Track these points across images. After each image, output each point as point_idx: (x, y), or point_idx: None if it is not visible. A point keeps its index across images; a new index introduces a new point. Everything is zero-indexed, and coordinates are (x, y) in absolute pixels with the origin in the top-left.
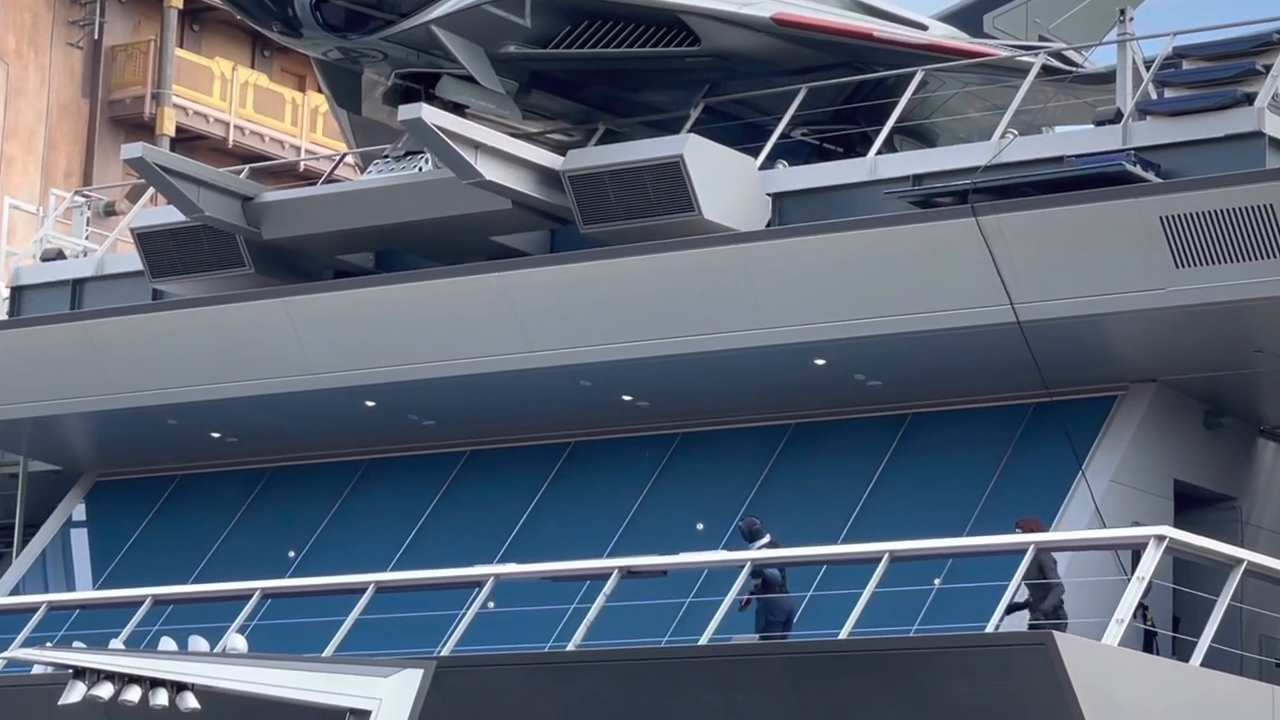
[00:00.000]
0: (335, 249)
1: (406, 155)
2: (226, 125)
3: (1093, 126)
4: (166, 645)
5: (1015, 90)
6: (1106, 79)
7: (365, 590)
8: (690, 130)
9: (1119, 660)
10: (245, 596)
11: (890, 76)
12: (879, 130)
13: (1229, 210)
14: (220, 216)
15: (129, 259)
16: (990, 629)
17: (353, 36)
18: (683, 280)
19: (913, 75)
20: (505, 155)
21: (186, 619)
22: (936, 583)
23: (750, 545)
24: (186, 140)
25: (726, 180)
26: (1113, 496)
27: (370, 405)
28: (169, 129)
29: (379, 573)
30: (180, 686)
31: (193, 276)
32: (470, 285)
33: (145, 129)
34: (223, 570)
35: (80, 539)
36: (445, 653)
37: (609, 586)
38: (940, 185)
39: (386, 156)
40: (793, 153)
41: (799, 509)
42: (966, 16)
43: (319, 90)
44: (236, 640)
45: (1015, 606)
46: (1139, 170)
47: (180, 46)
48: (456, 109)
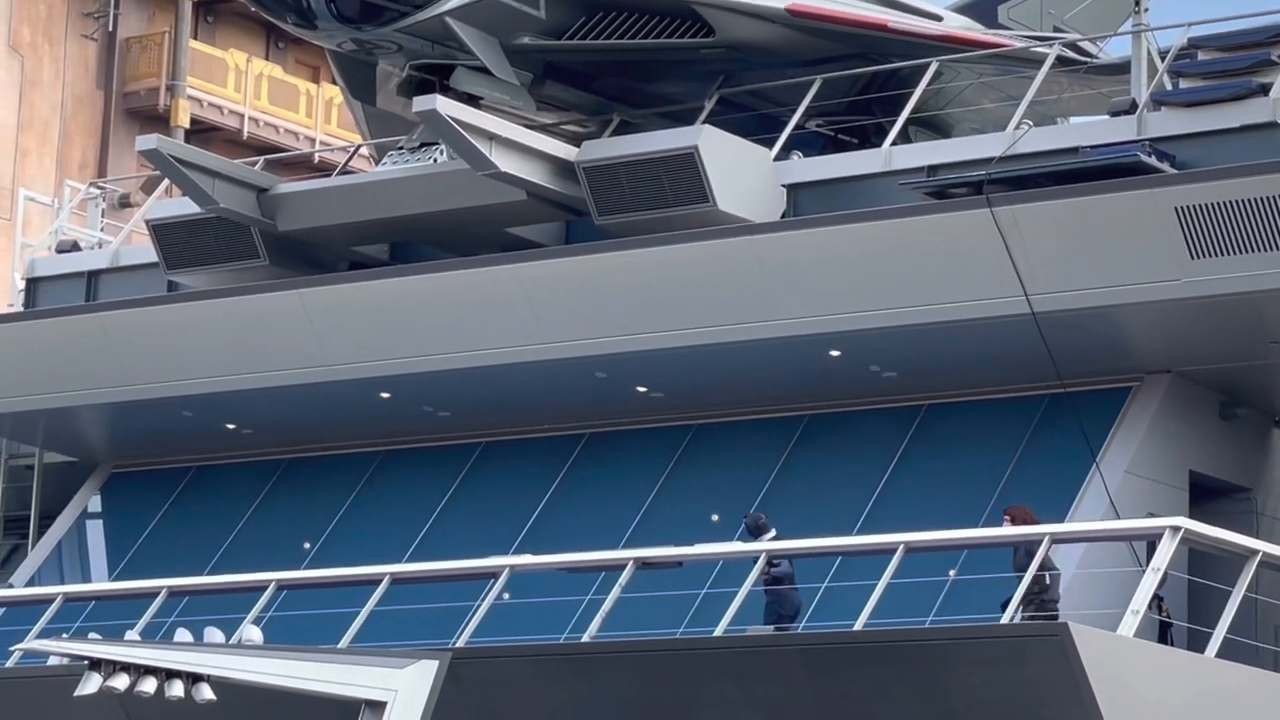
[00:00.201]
0: (350, 240)
1: (421, 147)
2: (241, 117)
3: (1108, 117)
4: (182, 636)
5: (1030, 81)
6: (1121, 70)
7: (381, 581)
8: (705, 121)
9: (1134, 651)
10: (261, 588)
11: (905, 67)
12: (894, 121)
13: (1244, 201)
14: (235, 208)
15: (144, 251)
16: (1005, 620)
17: (367, 28)
18: (697, 272)
19: (927, 66)
20: (520, 146)
21: (202, 610)
22: (951, 574)
23: (755, 540)
24: (201, 132)
25: (741, 171)
26: (1128, 488)
27: (385, 397)
28: (183, 121)
29: (394, 564)
30: (196, 678)
31: (208, 268)
32: (485, 276)
33: (160, 121)
34: (238, 562)
35: (96, 530)
36: (461, 644)
37: (624, 578)
38: (955, 176)
39: (401, 148)
40: (807, 144)
41: (814, 500)
42: (981, 8)
43: (333, 82)
44: (252, 632)
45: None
46: (1154, 161)
47: (195, 38)
48: (471, 100)
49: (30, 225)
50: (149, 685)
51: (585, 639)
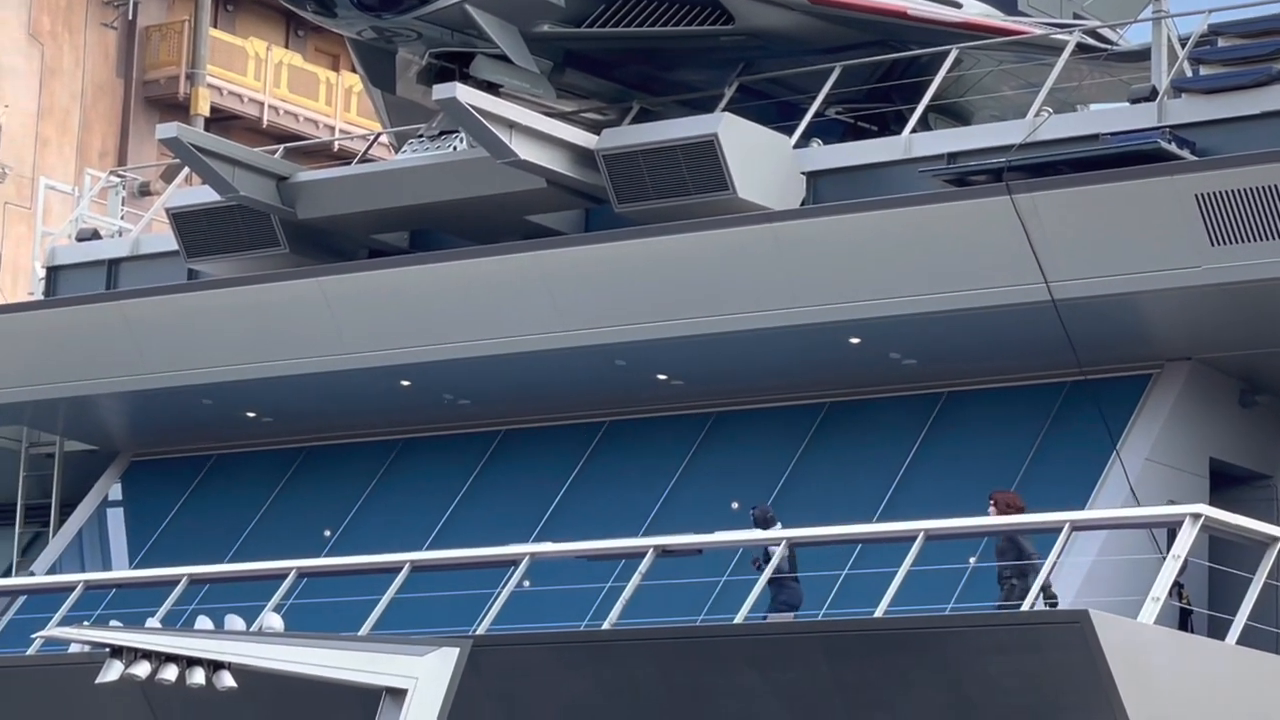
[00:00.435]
0: (370, 229)
1: (441, 135)
2: (261, 105)
3: (1128, 104)
4: (203, 624)
5: (1050, 68)
6: (1141, 56)
7: (401, 569)
8: (725, 109)
9: (1154, 638)
10: (281, 576)
11: (925, 55)
12: (913, 109)
13: (1264, 188)
14: (255, 196)
15: (164, 239)
16: (1025, 607)
17: (387, 16)
18: (717, 259)
19: (947, 53)
20: (540, 134)
21: (222, 598)
22: (971, 561)
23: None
24: (221, 120)
25: (761, 159)
26: (1148, 475)
27: (405, 385)
28: (203, 109)
29: (415, 552)
30: (217, 665)
31: (228, 256)
32: (505, 265)
33: (180, 109)
34: (258, 549)
35: (116, 518)
36: (481, 632)
37: (644, 565)
38: (975, 164)
39: (421, 136)
40: (827, 131)
41: (834, 487)
42: None
43: (353, 70)
44: (273, 619)
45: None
46: (1174, 148)
47: (214, 26)
48: (491, 88)
49: (50, 214)
50: (170, 673)
51: (605, 626)
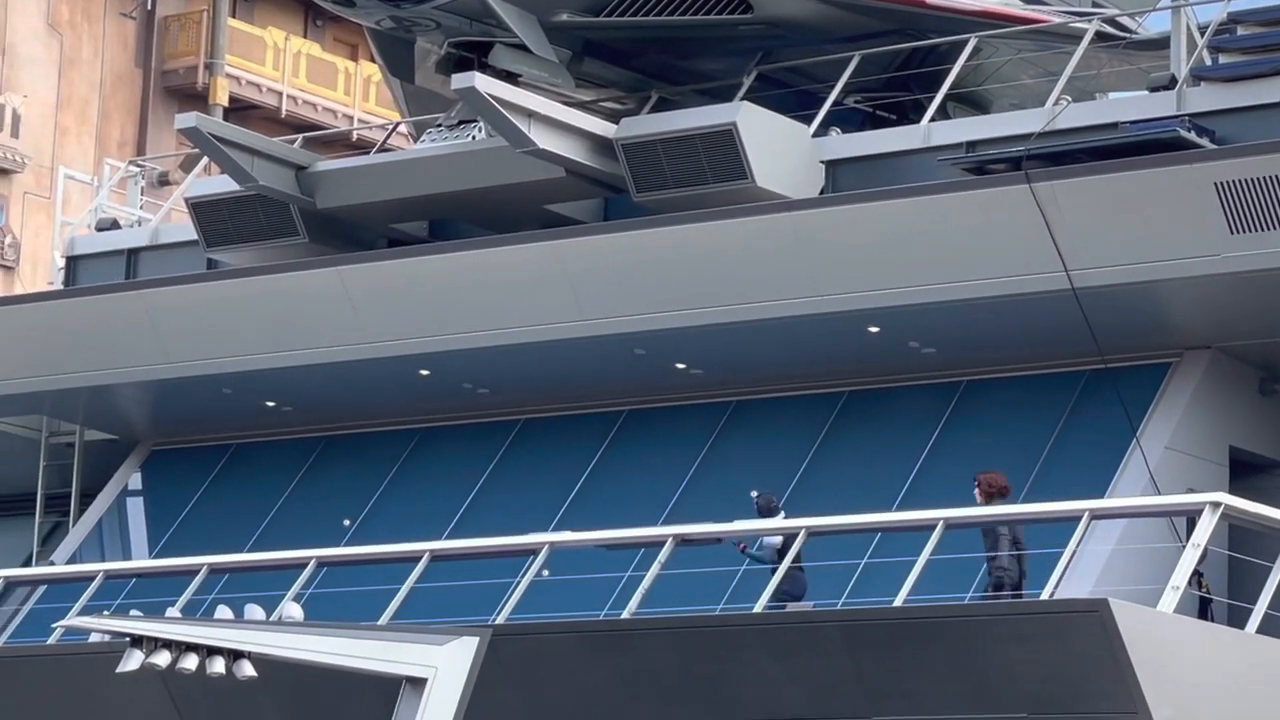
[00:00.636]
0: (389, 218)
1: (460, 124)
2: (279, 95)
3: (1147, 92)
4: (223, 614)
5: (1069, 56)
6: (1161, 45)
7: (420, 558)
8: (743, 98)
9: (1174, 627)
10: (301, 565)
11: (944, 43)
12: (932, 97)
13: None
14: (274, 186)
15: (183, 228)
16: (1045, 596)
17: (405, 6)
18: (736, 248)
19: (966, 42)
20: (558, 123)
21: (242, 588)
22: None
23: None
24: (239, 110)
25: (779, 148)
26: (1167, 463)
27: (424, 374)
28: (222, 99)
29: (434, 541)
30: (237, 654)
31: (247, 246)
32: (524, 254)
33: (198, 99)
34: (278, 539)
35: (136, 508)
36: (501, 621)
37: (664, 554)
38: (994, 152)
39: (440, 125)
40: (846, 120)
41: (853, 476)
42: None
43: (371, 59)
44: (292, 609)
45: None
46: (1193, 136)
47: (233, 16)
48: (509, 77)
49: (70, 203)
50: (190, 662)
51: (625, 615)
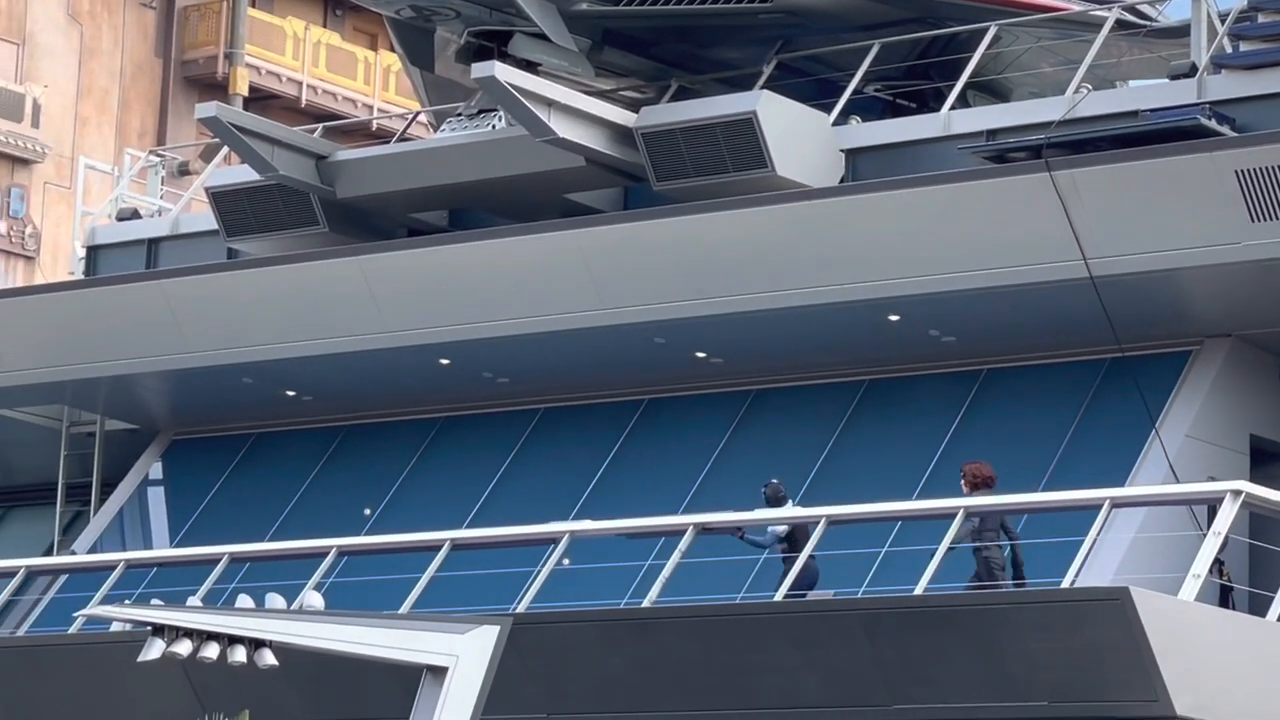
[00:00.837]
0: (409, 207)
1: (479, 113)
2: (299, 84)
3: (1167, 80)
4: (244, 602)
5: (1089, 45)
6: (1181, 33)
7: (441, 547)
8: (763, 87)
9: (1195, 615)
10: (321, 554)
11: (963, 32)
12: (952, 86)
13: None
14: (294, 175)
15: (204, 218)
16: (1065, 584)
17: None
18: (756, 237)
19: (986, 30)
20: (578, 112)
21: (263, 576)
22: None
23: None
24: (259, 100)
25: (800, 136)
26: (1188, 452)
27: (444, 363)
28: (242, 88)
29: (454, 530)
30: (258, 643)
31: (267, 235)
32: (544, 243)
33: (218, 88)
34: (298, 528)
35: (157, 497)
36: (521, 609)
37: (684, 543)
38: (1014, 140)
39: (460, 114)
40: (866, 108)
41: (873, 465)
42: None
43: (391, 49)
44: (313, 597)
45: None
46: (1214, 124)
47: (253, 6)
48: (529, 66)
49: (90, 193)
50: (212, 651)
51: (645, 604)
